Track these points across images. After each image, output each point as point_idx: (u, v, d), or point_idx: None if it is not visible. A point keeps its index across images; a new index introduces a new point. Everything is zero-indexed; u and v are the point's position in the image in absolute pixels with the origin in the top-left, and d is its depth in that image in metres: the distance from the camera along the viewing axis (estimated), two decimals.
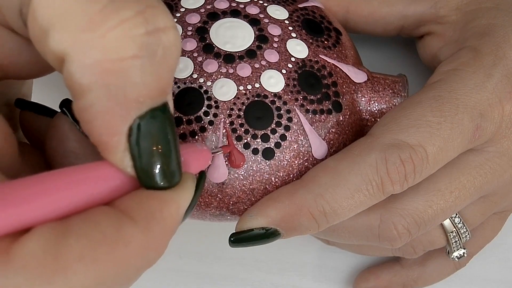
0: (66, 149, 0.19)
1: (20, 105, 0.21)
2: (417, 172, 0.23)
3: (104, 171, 0.16)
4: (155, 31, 0.15)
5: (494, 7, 0.28)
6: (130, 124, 0.16)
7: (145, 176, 0.17)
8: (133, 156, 0.16)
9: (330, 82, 0.26)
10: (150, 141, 0.16)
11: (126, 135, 0.16)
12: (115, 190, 0.16)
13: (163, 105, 0.16)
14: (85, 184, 0.16)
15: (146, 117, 0.16)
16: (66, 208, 0.15)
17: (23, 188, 0.15)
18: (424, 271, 0.32)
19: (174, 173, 0.17)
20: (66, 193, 0.15)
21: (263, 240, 0.24)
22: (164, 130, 0.16)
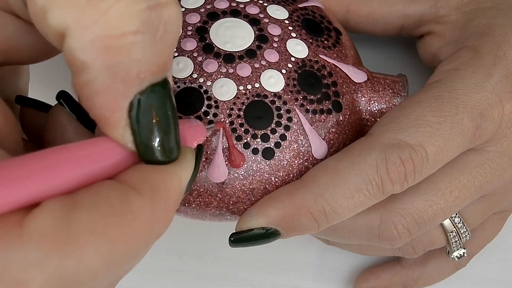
0: (64, 140, 0.19)
1: (21, 101, 0.21)
2: (417, 172, 0.23)
3: (105, 146, 0.16)
4: (156, 6, 0.15)
5: (494, 7, 0.28)
6: (131, 99, 0.16)
7: (145, 150, 0.17)
8: (134, 131, 0.16)
9: (330, 82, 0.26)
10: (150, 116, 0.16)
11: (127, 111, 0.16)
12: (117, 165, 0.17)
13: (163, 81, 0.16)
14: (88, 158, 0.16)
15: (147, 92, 0.16)
16: (72, 182, 0.15)
17: (29, 163, 0.15)
18: (424, 271, 0.32)
19: (173, 148, 0.17)
20: (71, 167, 0.15)
21: (263, 240, 0.24)
22: (164, 105, 0.17)
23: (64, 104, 0.20)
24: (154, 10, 0.15)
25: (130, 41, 0.15)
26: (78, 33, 0.15)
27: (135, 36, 0.15)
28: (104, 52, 0.15)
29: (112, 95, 0.16)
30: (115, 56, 0.15)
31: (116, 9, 0.15)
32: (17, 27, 0.18)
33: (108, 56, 0.15)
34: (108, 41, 0.15)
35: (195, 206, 0.25)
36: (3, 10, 0.18)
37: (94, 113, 0.16)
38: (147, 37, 0.15)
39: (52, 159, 0.15)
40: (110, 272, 0.15)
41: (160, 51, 0.16)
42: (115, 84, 0.15)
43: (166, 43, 0.16)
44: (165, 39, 0.16)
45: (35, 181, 0.15)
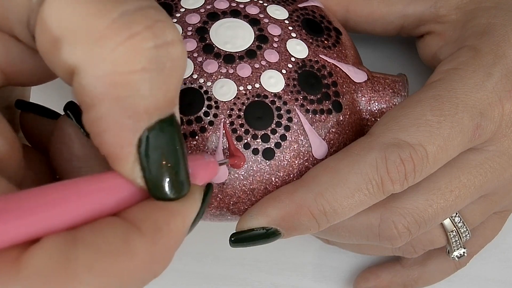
0: (70, 152, 0.19)
1: (21, 106, 0.21)
2: (417, 171, 0.23)
3: (113, 182, 0.17)
4: (163, 45, 0.16)
5: (494, 6, 0.28)
6: (140, 135, 0.16)
7: (154, 187, 0.17)
8: (143, 166, 0.16)
9: (330, 82, 0.26)
10: (159, 152, 0.16)
11: (136, 146, 0.16)
12: (123, 201, 0.17)
13: (170, 116, 0.17)
14: (94, 195, 0.16)
15: (155, 128, 0.16)
16: (75, 218, 0.15)
17: (32, 198, 0.15)
18: (425, 270, 0.32)
19: (183, 185, 0.17)
20: (75, 204, 0.15)
21: (263, 240, 0.24)
22: (172, 141, 0.17)
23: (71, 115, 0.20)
24: (161, 49, 0.16)
25: (138, 78, 0.15)
26: (88, 70, 0.15)
27: (142, 73, 0.15)
28: (113, 88, 0.15)
29: (122, 130, 0.16)
30: (124, 92, 0.15)
31: (124, 47, 0.15)
32: (21, 51, 0.18)
33: (116, 92, 0.15)
34: (117, 77, 0.15)
35: None
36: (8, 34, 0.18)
37: (104, 149, 0.16)
38: (154, 74, 0.16)
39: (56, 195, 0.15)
40: None
41: (167, 88, 0.16)
42: (123, 120, 0.16)
43: (173, 79, 0.16)
44: (171, 76, 0.16)
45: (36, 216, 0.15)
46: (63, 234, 0.15)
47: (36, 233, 0.15)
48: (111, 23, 0.15)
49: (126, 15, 0.15)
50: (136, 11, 0.15)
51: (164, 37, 0.16)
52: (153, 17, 0.16)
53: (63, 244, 0.15)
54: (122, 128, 0.16)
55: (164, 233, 0.16)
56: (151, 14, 0.16)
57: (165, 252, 0.16)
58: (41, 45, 0.16)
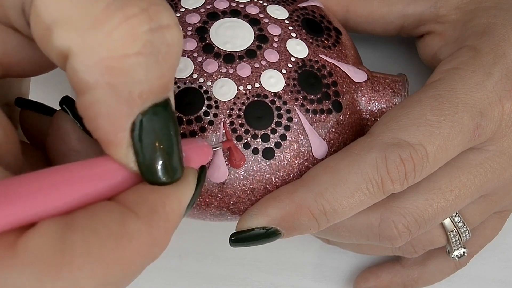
0: (67, 147, 0.19)
1: (20, 104, 0.21)
2: (417, 171, 0.23)
3: (106, 167, 0.17)
4: (158, 29, 0.16)
5: (493, 6, 0.28)
6: (133, 119, 0.16)
7: (147, 171, 0.17)
8: (136, 151, 0.16)
9: (330, 81, 0.26)
10: (152, 137, 0.16)
11: (129, 131, 0.16)
12: (117, 186, 0.17)
13: (165, 101, 0.17)
14: (88, 180, 0.16)
15: (149, 113, 0.16)
16: (70, 203, 0.15)
17: (27, 183, 0.15)
18: (425, 270, 0.32)
19: (176, 168, 0.17)
20: (70, 188, 0.15)
21: (263, 240, 0.24)
22: (166, 125, 0.17)
23: (67, 110, 0.20)
24: (156, 32, 0.16)
25: (133, 63, 0.15)
26: (82, 55, 0.15)
27: (137, 58, 0.15)
28: (107, 73, 0.15)
29: (115, 115, 0.16)
30: (118, 77, 0.15)
31: (119, 32, 0.15)
32: (18, 41, 0.18)
33: (111, 77, 0.15)
34: (111, 62, 0.15)
35: (196, 206, 0.25)
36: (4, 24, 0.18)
37: (97, 133, 0.16)
38: (150, 59, 0.15)
39: (51, 180, 0.15)
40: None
41: (162, 72, 0.16)
42: (118, 105, 0.16)
43: (168, 64, 0.16)
44: (166, 60, 0.16)
45: (31, 201, 0.15)
46: (59, 218, 0.15)
47: (31, 217, 0.15)
48: (106, 6, 0.15)
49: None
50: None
51: (159, 20, 0.16)
52: (148, 0, 0.15)
53: (59, 229, 0.14)
54: (116, 113, 0.16)
55: (160, 215, 0.16)
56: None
57: (162, 234, 0.16)
58: (36, 31, 0.16)
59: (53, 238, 0.14)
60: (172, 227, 0.17)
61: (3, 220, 0.14)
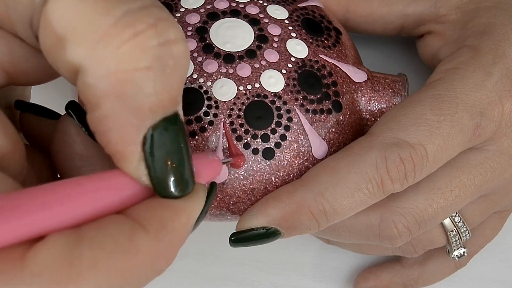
0: (72, 151, 0.19)
1: (20, 106, 0.21)
2: (417, 170, 0.23)
3: (117, 180, 0.17)
4: (166, 43, 0.16)
5: (493, 6, 0.28)
6: (144, 133, 0.16)
7: (159, 185, 0.17)
8: (148, 165, 0.17)
9: (330, 81, 0.26)
10: (163, 150, 0.17)
11: (140, 145, 0.16)
12: (127, 199, 0.17)
13: (174, 114, 0.17)
14: (98, 193, 0.16)
15: (159, 126, 0.16)
16: (80, 216, 0.16)
17: (37, 196, 0.15)
18: (425, 270, 0.32)
19: (188, 183, 0.17)
20: (80, 202, 0.16)
21: (263, 240, 0.24)
22: (176, 139, 0.17)
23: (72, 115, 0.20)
24: (164, 47, 0.16)
25: (142, 76, 0.15)
26: (92, 69, 0.15)
27: (146, 71, 0.15)
28: (117, 86, 0.15)
29: (126, 128, 0.16)
30: (128, 90, 0.15)
31: (128, 46, 0.15)
32: (24, 51, 0.18)
33: (121, 91, 0.15)
34: (121, 76, 0.15)
35: None
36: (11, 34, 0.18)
37: (109, 147, 0.17)
38: (158, 72, 0.16)
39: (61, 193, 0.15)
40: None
41: (171, 86, 0.16)
42: (128, 118, 0.16)
43: (176, 77, 0.16)
44: (175, 73, 0.16)
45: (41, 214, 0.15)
46: (68, 232, 0.15)
47: (40, 231, 0.15)
48: (115, 22, 0.15)
49: (130, 14, 0.15)
50: (140, 10, 0.16)
51: (167, 35, 0.16)
52: (156, 16, 0.16)
53: (68, 242, 0.15)
54: (127, 127, 0.16)
55: (168, 230, 0.16)
56: (154, 13, 0.16)
57: (169, 249, 0.16)
58: (45, 45, 0.16)
59: (61, 251, 0.14)
60: (180, 242, 0.17)
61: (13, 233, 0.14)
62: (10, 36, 0.18)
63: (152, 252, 0.16)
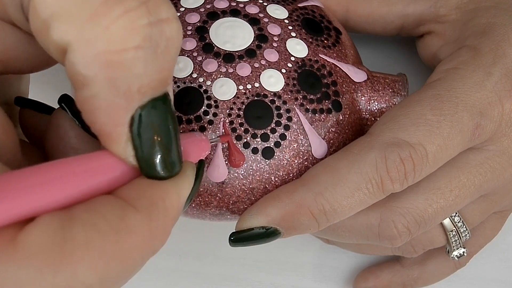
0: (66, 145, 0.19)
1: (20, 103, 0.21)
2: (417, 170, 0.23)
3: (105, 161, 0.17)
4: (158, 22, 0.16)
5: (493, 6, 0.28)
6: (132, 114, 0.16)
7: (146, 165, 0.17)
8: (135, 145, 0.16)
9: (329, 81, 0.26)
10: (151, 131, 0.16)
11: (128, 125, 0.16)
12: (116, 180, 0.17)
13: (164, 95, 0.17)
14: (87, 174, 0.16)
15: (148, 107, 0.16)
16: (70, 197, 0.15)
17: (26, 177, 0.15)
18: (424, 270, 0.32)
19: (175, 163, 0.17)
20: (69, 183, 0.15)
21: (263, 239, 0.24)
22: (165, 119, 0.17)
23: (66, 108, 0.20)
24: (155, 26, 0.15)
25: (132, 56, 0.15)
26: (80, 48, 0.15)
27: (136, 51, 0.15)
28: (106, 67, 0.15)
29: (114, 109, 0.16)
30: (117, 71, 0.15)
31: (118, 25, 0.15)
32: (18, 37, 0.18)
33: (110, 71, 0.15)
34: (110, 56, 0.15)
35: (195, 206, 0.25)
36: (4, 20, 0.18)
37: (96, 127, 0.16)
38: (149, 52, 0.15)
39: (50, 174, 0.15)
40: None
41: (161, 66, 0.16)
42: (116, 99, 0.16)
43: (167, 58, 0.16)
44: (166, 54, 0.16)
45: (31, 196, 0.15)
46: (59, 213, 0.15)
47: (31, 212, 0.15)
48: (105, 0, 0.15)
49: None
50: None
51: (158, 14, 0.16)
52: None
53: (59, 222, 0.14)
54: (115, 107, 0.16)
55: (159, 209, 0.16)
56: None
57: (162, 228, 0.16)
58: (34, 26, 0.16)
59: (53, 232, 0.14)
60: (172, 220, 0.17)
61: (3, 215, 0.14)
62: (2, 23, 0.18)
63: (145, 231, 0.16)
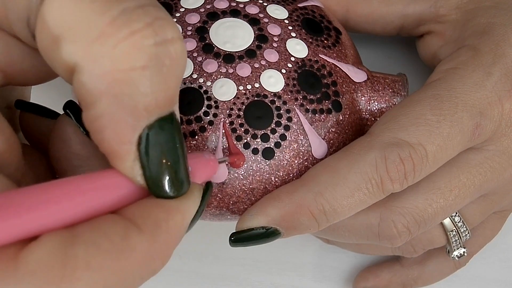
0: (70, 151, 0.19)
1: (20, 106, 0.21)
2: (416, 170, 0.23)
3: (112, 180, 0.17)
4: (163, 42, 0.16)
5: (493, 6, 0.28)
6: (140, 133, 0.16)
7: (154, 185, 0.17)
8: (143, 165, 0.17)
9: (329, 81, 0.26)
10: (158, 151, 0.17)
11: (136, 144, 0.16)
12: (122, 199, 0.17)
13: (170, 115, 0.17)
14: (93, 193, 0.16)
15: (155, 126, 0.16)
16: (74, 216, 0.16)
17: (31, 195, 0.15)
18: (424, 270, 0.32)
19: (183, 183, 0.17)
20: (75, 202, 0.16)
21: (263, 239, 0.24)
22: (172, 139, 0.17)
23: (70, 114, 0.20)
24: (161, 46, 0.16)
25: (138, 75, 0.15)
26: (88, 67, 0.15)
27: (143, 70, 0.15)
28: (113, 85, 0.15)
29: (121, 128, 0.16)
30: (124, 89, 0.15)
31: (124, 45, 0.15)
32: (22, 51, 0.18)
33: (116, 89, 0.15)
34: (117, 75, 0.15)
35: None
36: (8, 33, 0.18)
37: (104, 146, 0.17)
38: (154, 72, 0.16)
39: (56, 193, 0.15)
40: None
41: (167, 85, 0.16)
42: (124, 117, 0.16)
43: (173, 77, 0.16)
44: (171, 73, 0.16)
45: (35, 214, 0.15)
46: (62, 231, 0.15)
47: (34, 230, 0.15)
48: (112, 21, 0.15)
49: (127, 13, 0.15)
50: (136, 9, 0.15)
51: (164, 34, 0.16)
52: (153, 15, 0.16)
53: (62, 242, 0.15)
54: (122, 126, 0.16)
55: (163, 230, 0.16)
56: (151, 12, 0.16)
57: (164, 249, 0.16)
58: (42, 44, 0.16)
59: (55, 251, 0.14)
60: (174, 242, 0.17)
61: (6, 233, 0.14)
62: (8, 36, 0.18)
63: (147, 252, 0.16)
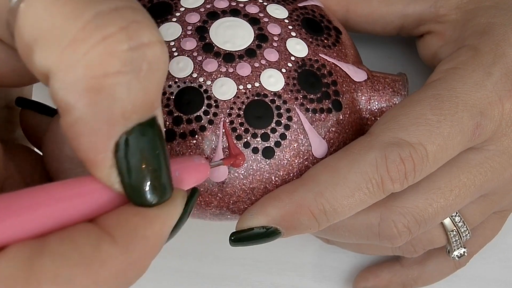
0: (62, 153, 0.19)
1: (21, 103, 0.21)
2: (417, 170, 0.23)
3: (90, 187, 0.16)
4: (139, 47, 0.15)
5: (493, 6, 0.28)
6: (116, 140, 0.15)
7: (133, 192, 0.16)
8: (121, 172, 0.16)
9: (330, 81, 0.26)
10: (138, 157, 0.16)
11: (112, 152, 0.15)
12: (101, 207, 0.16)
13: (151, 120, 0.16)
14: (68, 201, 0.15)
15: (134, 132, 0.16)
16: (47, 225, 0.15)
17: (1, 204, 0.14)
18: (424, 270, 0.32)
19: (165, 189, 0.17)
20: (47, 210, 0.15)
21: (263, 239, 0.24)
22: (153, 145, 0.16)
23: None
24: (136, 51, 0.15)
25: (113, 82, 0.15)
26: (60, 74, 0.15)
27: (117, 77, 0.15)
28: (87, 93, 0.15)
29: (96, 136, 0.15)
30: (98, 97, 0.15)
31: (97, 51, 0.14)
32: (6, 53, 0.18)
33: (90, 97, 0.15)
34: (90, 82, 0.15)
35: (196, 206, 0.25)
36: None
37: (79, 154, 0.16)
38: (130, 77, 0.15)
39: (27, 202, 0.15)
40: None
41: (146, 90, 0.15)
42: (98, 125, 0.15)
43: (152, 82, 0.16)
44: (149, 78, 0.15)
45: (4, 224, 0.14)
46: (31, 242, 0.14)
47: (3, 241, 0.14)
48: (84, 26, 0.14)
49: (100, 17, 0.15)
50: (111, 12, 0.15)
51: (139, 38, 0.15)
52: (128, 18, 0.15)
53: (29, 253, 0.14)
54: (97, 134, 0.15)
55: (138, 239, 0.16)
56: (127, 15, 0.15)
57: (139, 260, 0.16)
58: (19, 48, 0.15)
59: (20, 263, 0.14)
60: (152, 252, 0.16)
61: None
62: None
63: (120, 263, 0.15)
